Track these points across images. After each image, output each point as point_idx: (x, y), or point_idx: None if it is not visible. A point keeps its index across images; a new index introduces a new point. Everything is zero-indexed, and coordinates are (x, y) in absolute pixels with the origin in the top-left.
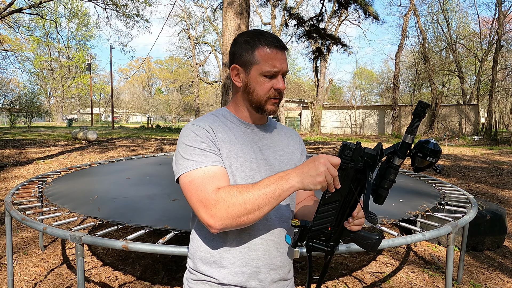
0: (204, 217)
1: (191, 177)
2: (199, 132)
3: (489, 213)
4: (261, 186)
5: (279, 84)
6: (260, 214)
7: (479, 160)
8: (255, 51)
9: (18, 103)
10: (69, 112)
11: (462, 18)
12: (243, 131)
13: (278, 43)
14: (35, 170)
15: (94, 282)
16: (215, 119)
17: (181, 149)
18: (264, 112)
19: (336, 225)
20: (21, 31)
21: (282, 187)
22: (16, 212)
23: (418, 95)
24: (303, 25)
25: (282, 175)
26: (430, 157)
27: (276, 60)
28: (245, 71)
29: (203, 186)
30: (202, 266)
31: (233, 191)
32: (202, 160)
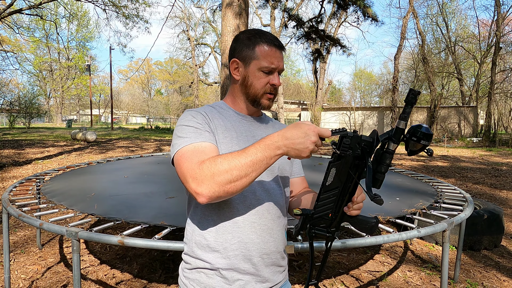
0: (192, 186)
1: (182, 151)
2: (196, 115)
3: (486, 213)
4: (248, 153)
5: (275, 80)
6: (248, 181)
7: (477, 161)
8: (255, 47)
9: (18, 104)
10: (69, 113)
11: (461, 20)
12: (239, 121)
13: (277, 42)
14: (34, 170)
15: (91, 280)
16: (212, 109)
17: (177, 130)
18: (259, 106)
19: (336, 211)
20: (21, 32)
21: (269, 155)
22: (13, 209)
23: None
24: (302, 27)
25: (269, 143)
26: (423, 140)
27: (274, 57)
28: (245, 65)
29: (190, 158)
30: (197, 249)
31: (217, 158)
32: (196, 137)
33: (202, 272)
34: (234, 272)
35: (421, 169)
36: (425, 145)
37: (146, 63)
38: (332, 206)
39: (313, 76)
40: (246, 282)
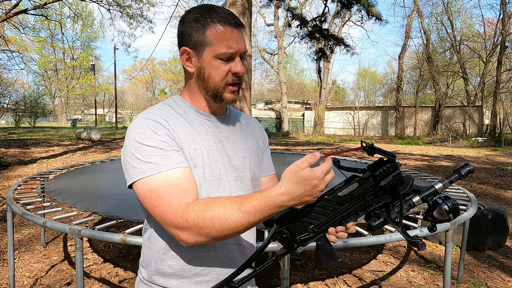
0: (173, 233)
1: (150, 185)
2: (157, 129)
3: (490, 213)
4: (245, 213)
5: (237, 67)
6: (239, 234)
7: (482, 161)
8: (206, 30)
9: (23, 104)
10: (73, 113)
11: (467, 19)
12: (203, 124)
13: (232, 19)
14: (38, 169)
15: (95, 278)
16: (170, 111)
17: (134, 149)
18: (222, 101)
19: (321, 226)
20: (26, 32)
21: (269, 214)
22: (17, 207)
23: (422, 96)
24: (306, 26)
25: (272, 204)
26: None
27: (232, 39)
28: (197, 54)
29: (167, 198)
30: (159, 278)
31: (206, 212)
32: (164, 162)
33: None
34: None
35: (425, 168)
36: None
37: (150, 62)
38: (322, 220)
39: (317, 75)
40: None
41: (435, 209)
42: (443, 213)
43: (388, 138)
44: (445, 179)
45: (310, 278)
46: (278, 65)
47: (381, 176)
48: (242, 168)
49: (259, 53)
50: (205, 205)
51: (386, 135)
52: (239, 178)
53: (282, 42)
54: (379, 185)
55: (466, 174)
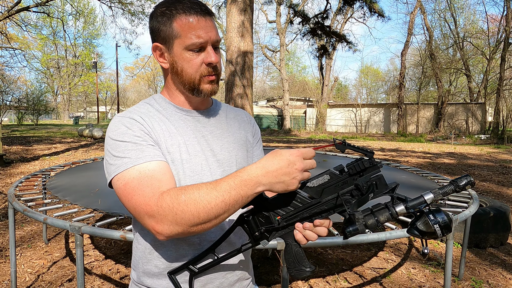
0: (148, 224)
1: (124, 179)
2: (131, 125)
3: (492, 210)
4: (219, 190)
5: (211, 57)
6: (218, 222)
7: (485, 158)
8: (173, 22)
9: (26, 101)
10: (76, 110)
11: (470, 15)
12: (183, 119)
13: (199, 7)
14: (41, 166)
15: (96, 274)
16: (148, 108)
17: (110, 147)
18: (200, 94)
19: (287, 220)
20: (28, 29)
21: (246, 194)
22: (18, 204)
23: (424, 93)
24: (308, 23)
25: (246, 178)
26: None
27: (200, 28)
28: (168, 48)
29: (140, 189)
30: (147, 279)
31: (180, 195)
32: (138, 156)
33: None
34: None
35: (427, 166)
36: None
37: (152, 60)
38: (290, 212)
39: (319, 72)
40: None
41: (419, 220)
42: (428, 224)
43: (390, 135)
44: (439, 189)
45: (310, 275)
46: (280, 62)
47: (353, 171)
48: (228, 162)
49: (261, 50)
50: (180, 189)
51: (388, 133)
52: (225, 172)
53: (284, 39)
54: (354, 183)
55: (463, 187)
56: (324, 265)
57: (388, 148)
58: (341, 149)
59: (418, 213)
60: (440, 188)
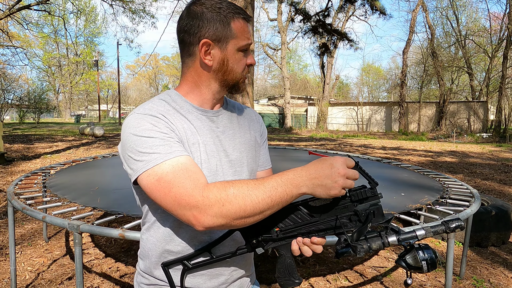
0: (189, 215)
1: (157, 174)
2: (156, 122)
3: (494, 209)
4: (266, 186)
5: (252, 59)
6: (260, 218)
7: (487, 157)
8: (231, 22)
9: (27, 99)
10: (77, 108)
11: (472, 13)
12: (200, 119)
13: (245, 12)
14: (42, 164)
15: (96, 272)
16: (166, 106)
17: (134, 143)
18: (239, 91)
19: (285, 233)
20: (30, 27)
21: (291, 192)
22: (17, 202)
23: (426, 91)
24: (309, 21)
25: (292, 177)
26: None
27: (249, 32)
28: (220, 46)
29: (178, 182)
30: (156, 271)
31: (229, 188)
32: (167, 151)
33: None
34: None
35: (428, 164)
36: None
37: (153, 58)
38: (289, 226)
39: (320, 71)
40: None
41: (409, 254)
42: (416, 259)
43: (391, 133)
44: (430, 228)
45: (311, 274)
46: (281, 61)
47: (355, 197)
48: (239, 163)
49: (262, 48)
50: (228, 182)
51: (389, 131)
52: (236, 173)
53: (285, 37)
54: (354, 209)
55: (453, 229)
56: (324, 264)
57: (390, 147)
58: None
59: (408, 246)
60: (432, 227)
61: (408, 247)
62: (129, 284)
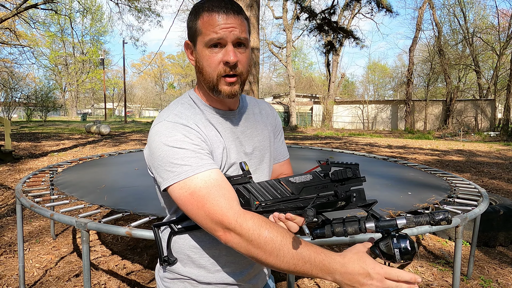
0: (218, 232)
1: (189, 188)
2: (188, 133)
3: (502, 208)
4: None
5: (228, 56)
6: (273, 268)
7: (494, 156)
8: (198, 19)
9: (34, 98)
10: (83, 107)
11: (480, 10)
12: (221, 122)
13: (225, 4)
14: (49, 162)
15: (102, 269)
16: (194, 112)
17: (165, 153)
18: (219, 94)
19: (263, 207)
20: (36, 26)
21: (316, 274)
22: (25, 199)
23: (432, 89)
24: (315, 18)
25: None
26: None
27: (219, 25)
28: (194, 46)
29: (212, 199)
30: (179, 266)
31: (263, 231)
32: (198, 164)
33: (186, 282)
34: (222, 285)
35: (435, 163)
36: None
37: (158, 56)
38: (267, 200)
39: (326, 69)
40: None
41: (383, 241)
42: (389, 247)
43: (397, 132)
44: (413, 217)
45: None
46: (286, 59)
47: (335, 177)
48: (259, 160)
49: (267, 46)
50: (265, 222)
51: (395, 129)
52: (257, 170)
53: (291, 35)
54: (334, 189)
55: (437, 222)
56: None
57: (396, 145)
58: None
59: (385, 234)
60: (415, 217)
61: (385, 234)
62: (136, 282)
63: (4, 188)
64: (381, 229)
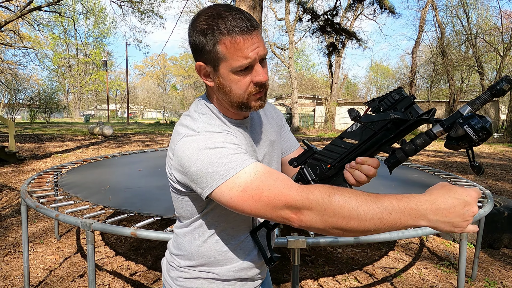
0: (285, 213)
1: (240, 185)
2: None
3: (507, 210)
4: (380, 208)
5: (259, 76)
6: (359, 235)
7: (498, 157)
8: (217, 44)
9: (38, 99)
10: (87, 108)
11: (483, 11)
12: (241, 133)
13: (244, 24)
14: (53, 163)
15: (106, 270)
16: (217, 121)
17: (205, 156)
18: (249, 110)
19: (337, 166)
20: (40, 28)
21: (406, 222)
22: (30, 200)
23: (435, 91)
24: (317, 20)
25: (413, 207)
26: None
27: (247, 48)
28: (213, 69)
29: (268, 185)
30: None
31: (334, 196)
32: (243, 158)
33: (202, 279)
34: (237, 281)
35: (438, 165)
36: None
37: (161, 58)
38: (337, 158)
39: (328, 70)
40: (247, 282)
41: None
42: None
43: None
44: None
45: (320, 274)
46: (288, 60)
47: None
48: (269, 164)
49: (270, 48)
50: (332, 188)
51: None
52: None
53: (293, 37)
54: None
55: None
56: (334, 264)
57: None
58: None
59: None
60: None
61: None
62: (139, 282)
63: (8, 189)
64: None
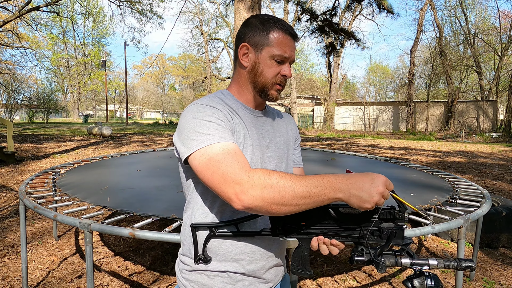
0: (232, 192)
1: (208, 154)
2: (216, 111)
3: (505, 210)
4: (308, 183)
5: (287, 71)
6: (293, 210)
7: (496, 157)
8: (269, 33)
9: (36, 100)
10: (85, 109)
11: (481, 11)
12: (248, 117)
13: (292, 31)
14: (51, 164)
15: (105, 271)
16: (221, 102)
17: (193, 125)
18: (267, 97)
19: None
20: (39, 29)
21: (328, 194)
22: (28, 201)
23: (434, 91)
24: (316, 20)
25: (333, 181)
26: None
27: (288, 46)
28: (256, 51)
29: (227, 161)
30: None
31: (273, 174)
32: (221, 135)
33: (203, 274)
34: (239, 275)
35: (437, 164)
36: None
37: (160, 58)
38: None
39: (327, 70)
40: (250, 283)
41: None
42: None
43: (399, 133)
44: (443, 261)
45: (319, 274)
46: None
47: (383, 216)
48: (279, 158)
49: None
50: (271, 171)
51: (397, 131)
52: (277, 167)
53: None
54: (378, 225)
55: (464, 268)
56: (332, 264)
57: (397, 147)
58: None
59: (418, 271)
60: (444, 260)
61: (418, 272)
62: (138, 283)
63: (7, 189)
64: (415, 266)
